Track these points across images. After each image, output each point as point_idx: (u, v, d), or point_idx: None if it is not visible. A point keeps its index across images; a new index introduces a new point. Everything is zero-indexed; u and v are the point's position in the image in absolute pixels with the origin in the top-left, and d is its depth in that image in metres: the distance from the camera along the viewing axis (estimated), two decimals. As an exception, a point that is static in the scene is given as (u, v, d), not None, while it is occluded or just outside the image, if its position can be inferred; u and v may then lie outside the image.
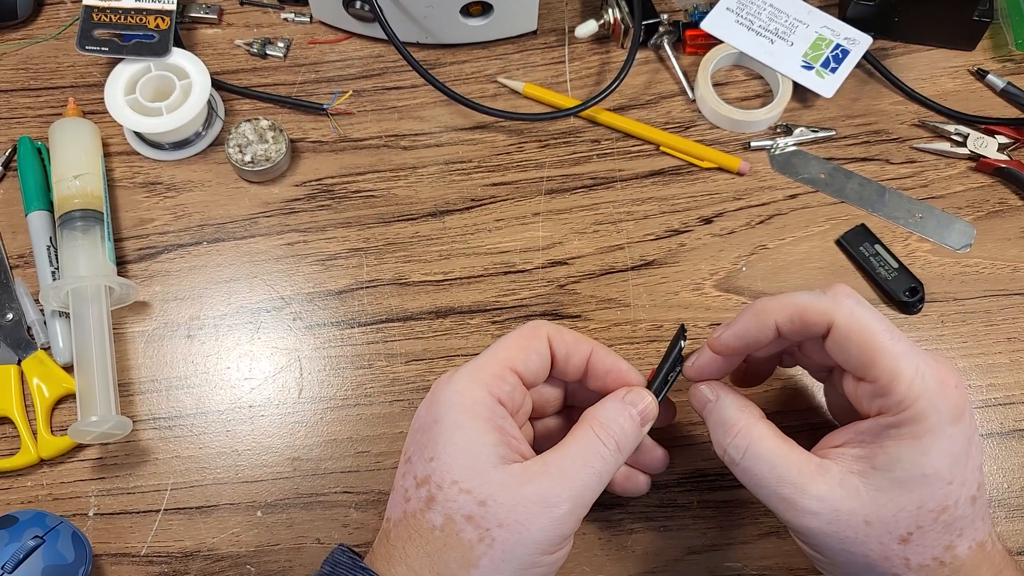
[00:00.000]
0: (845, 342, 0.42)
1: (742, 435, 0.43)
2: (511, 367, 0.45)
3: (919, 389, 0.40)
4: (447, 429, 0.42)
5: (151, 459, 0.55)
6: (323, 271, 0.60)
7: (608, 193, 0.62)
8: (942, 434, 0.40)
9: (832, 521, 0.41)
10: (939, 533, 0.40)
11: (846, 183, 0.62)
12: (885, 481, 0.40)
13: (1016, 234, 0.60)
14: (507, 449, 0.42)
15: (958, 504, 0.40)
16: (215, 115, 0.63)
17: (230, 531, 0.53)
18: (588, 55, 0.66)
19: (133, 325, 0.58)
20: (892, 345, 0.41)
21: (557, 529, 0.41)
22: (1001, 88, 0.64)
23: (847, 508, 0.40)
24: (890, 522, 0.40)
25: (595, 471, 0.42)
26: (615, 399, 0.45)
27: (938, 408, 0.40)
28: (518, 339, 0.46)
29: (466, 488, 0.41)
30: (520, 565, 0.41)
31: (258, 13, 0.67)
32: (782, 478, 0.42)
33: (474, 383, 0.43)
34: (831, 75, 0.63)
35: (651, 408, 0.46)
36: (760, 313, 0.44)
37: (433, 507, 0.41)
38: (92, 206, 0.58)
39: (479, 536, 0.40)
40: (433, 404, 0.44)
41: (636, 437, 0.45)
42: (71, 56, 0.66)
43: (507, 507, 0.40)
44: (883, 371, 0.40)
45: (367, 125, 0.64)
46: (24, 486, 0.54)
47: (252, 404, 0.56)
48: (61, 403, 0.56)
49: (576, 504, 0.42)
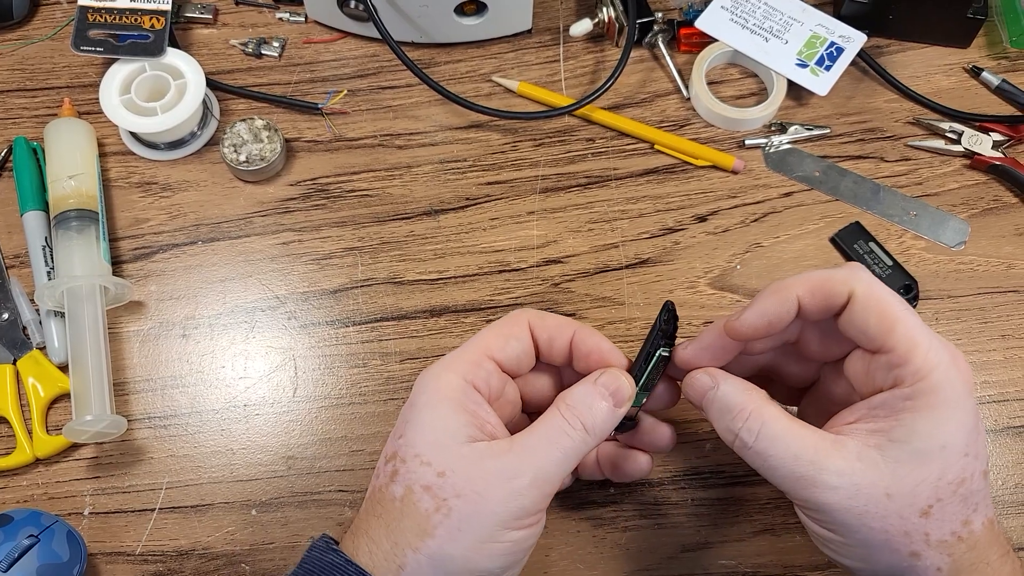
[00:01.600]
0: (864, 311, 0.41)
1: (753, 417, 0.42)
2: (488, 354, 0.45)
3: (935, 360, 0.40)
4: (418, 410, 0.43)
5: (146, 458, 0.55)
6: (318, 270, 0.60)
7: (603, 192, 0.62)
8: (958, 406, 0.40)
9: (853, 495, 0.40)
10: (958, 506, 0.40)
11: (840, 181, 0.62)
12: (904, 453, 0.40)
13: (1010, 231, 0.60)
14: (477, 431, 0.43)
15: (974, 477, 0.40)
16: (210, 115, 0.63)
17: (225, 530, 0.53)
18: (583, 54, 0.66)
19: (128, 324, 0.58)
20: (908, 316, 0.41)
21: (517, 500, 0.41)
22: (996, 85, 0.64)
23: (868, 481, 0.40)
24: (910, 494, 0.39)
25: (560, 448, 0.42)
26: (587, 382, 0.45)
27: (953, 380, 0.40)
28: (498, 327, 0.46)
29: (427, 460, 0.41)
30: (478, 538, 0.40)
31: (253, 13, 0.68)
32: (799, 456, 0.41)
33: (448, 370, 0.44)
34: (825, 73, 0.63)
35: (625, 389, 0.45)
36: (780, 290, 0.43)
37: (396, 480, 0.42)
38: (87, 206, 0.58)
39: (436, 506, 0.41)
40: (414, 392, 0.45)
41: (608, 419, 0.44)
42: (67, 56, 0.66)
43: (465, 478, 0.41)
44: (901, 339, 0.40)
45: (362, 124, 0.64)
46: (20, 485, 0.54)
47: (247, 403, 0.56)
48: (56, 402, 0.56)
49: (537, 477, 0.41)
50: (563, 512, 0.53)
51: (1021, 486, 0.54)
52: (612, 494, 0.54)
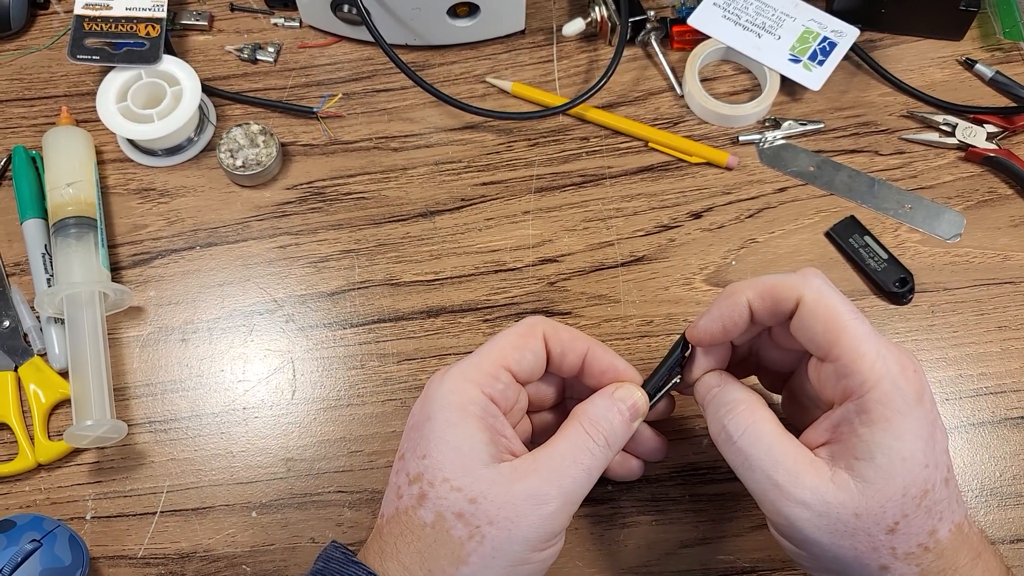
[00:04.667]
0: (811, 319, 0.42)
1: (745, 413, 0.43)
2: (505, 365, 0.45)
3: (881, 370, 0.40)
4: (439, 427, 0.43)
5: (147, 462, 0.55)
6: (315, 273, 0.60)
7: (597, 190, 0.62)
8: (910, 415, 0.40)
9: (822, 513, 0.40)
10: (923, 519, 0.40)
11: (835, 175, 0.62)
12: (870, 471, 0.40)
13: (1006, 223, 0.60)
14: (497, 448, 0.43)
15: (935, 487, 0.40)
16: (206, 121, 0.64)
17: (226, 532, 0.54)
18: (576, 53, 0.67)
19: (128, 330, 0.59)
20: (856, 326, 0.41)
21: (547, 526, 0.41)
22: (989, 77, 0.64)
23: (838, 501, 0.40)
24: (878, 513, 0.40)
25: (584, 468, 0.43)
26: (605, 396, 0.46)
27: (901, 389, 0.40)
28: (513, 337, 0.46)
29: (457, 486, 0.41)
30: (510, 562, 0.41)
31: (248, 19, 0.68)
32: (778, 463, 0.41)
33: (468, 382, 0.44)
34: (819, 68, 0.63)
35: (641, 404, 0.46)
36: (732, 294, 0.44)
37: (424, 504, 0.42)
38: (86, 213, 0.59)
39: (469, 533, 0.41)
40: (427, 402, 0.44)
41: (625, 433, 0.45)
42: (64, 66, 0.66)
43: (497, 504, 0.41)
44: (846, 350, 0.41)
45: (357, 128, 0.64)
46: (22, 491, 0.55)
47: (246, 406, 0.57)
48: (58, 408, 0.57)
49: (566, 501, 0.42)
50: (561, 510, 0.54)
51: (1019, 477, 0.54)
52: (610, 491, 0.54)
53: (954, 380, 0.56)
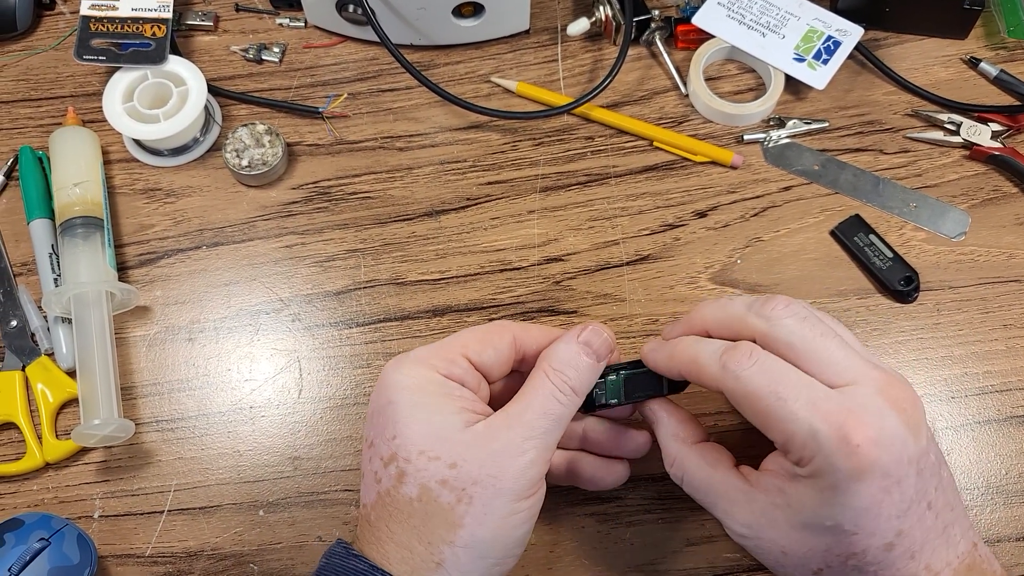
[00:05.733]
0: (738, 405, 0.43)
1: (676, 466, 0.46)
2: (464, 354, 0.45)
3: (813, 449, 0.40)
4: (404, 407, 0.43)
5: (154, 461, 0.56)
6: (321, 272, 0.60)
7: (602, 189, 0.62)
8: (844, 491, 0.39)
9: (755, 547, 0.43)
10: (849, 572, 0.41)
11: (840, 174, 0.62)
12: (797, 521, 0.41)
13: (1011, 221, 0.60)
14: (468, 413, 0.43)
15: (867, 552, 0.40)
16: (212, 121, 0.64)
17: (233, 531, 0.54)
18: (581, 53, 0.67)
19: (135, 329, 0.59)
20: (779, 409, 0.40)
21: (527, 474, 0.42)
22: (994, 76, 0.64)
23: (768, 537, 0.43)
24: (802, 557, 0.42)
25: (555, 416, 0.44)
26: (569, 340, 0.46)
27: (835, 467, 0.39)
28: (478, 332, 0.46)
29: (434, 455, 0.42)
30: (501, 515, 0.42)
31: (253, 19, 0.68)
32: (715, 504, 0.45)
33: (423, 366, 0.44)
34: (823, 67, 0.63)
35: (606, 343, 0.46)
36: (669, 358, 0.46)
37: (405, 481, 0.42)
38: (92, 213, 0.59)
39: (457, 497, 0.41)
40: (385, 388, 0.44)
41: (592, 376, 0.46)
42: (70, 66, 0.66)
43: (478, 463, 0.42)
44: (777, 433, 0.41)
45: (362, 127, 0.64)
46: (30, 490, 0.55)
47: (253, 405, 0.57)
48: (65, 408, 0.57)
49: (540, 448, 0.43)
50: (568, 507, 0.54)
51: (1024, 475, 0.54)
52: (616, 489, 0.54)
53: (959, 378, 0.56)
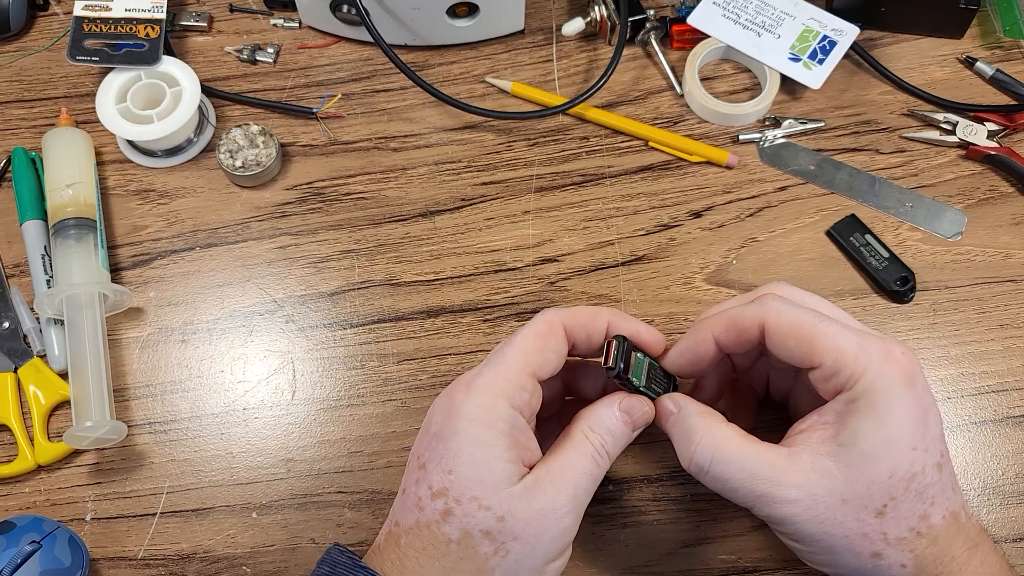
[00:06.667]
0: (781, 339, 0.43)
1: (707, 439, 0.43)
2: (531, 372, 0.44)
3: (865, 361, 0.41)
4: (468, 444, 0.42)
5: (147, 463, 0.55)
6: (315, 273, 0.60)
7: (597, 189, 0.62)
8: (897, 400, 0.40)
9: (811, 506, 0.41)
10: (912, 502, 0.40)
11: (836, 174, 0.62)
12: (853, 456, 0.40)
13: (1007, 221, 0.60)
14: (521, 464, 0.43)
15: (925, 471, 0.40)
16: (206, 122, 0.64)
17: (226, 533, 0.54)
18: (576, 53, 0.66)
19: (128, 331, 0.59)
20: (825, 327, 0.42)
21: (564, 537, 0.43)
22: (990, 75, 0.64)
23: (823, 489, 0.41)
24: (864, 496, 0.40)
25: (592, 478, 0.44)
26: (611, 405, 0.45)
27: (887, 375, 0.40)
28: (533, 338, 0.44)
29: (486, 504, 0.41)
30: (528, 572, 0.42)
31: (247, 20, 0.68)
32: (755, 475, 0.41)
33: (496, 396, 0.43)
34: (819, 66, 0.63)
35: (647, 415, 0.46)
36: (697, 329, 0.45)
37: (450, 520, 0.42)
38: (85, 214, 0.59)
39: (494, 549, 0.41)
40: (453, 414, 0.43)
41: (626, 442, 0.46)
42: (64, 67, 0.66)
43: (523, 521, 0.41)
44: (825, 352, 0.41)
45: (357, 128, 0.64)
46: (22, 492, 0.55)
47: (246, 407, 0.57)
48: (57, 410, 0.57)
49: (578, 512, 0.43)
50: (562, 510, 0.53)
51: (1021, 475, 0.54)
52: (611, 491, 0.54)
53: (956, 378, 0.56)
